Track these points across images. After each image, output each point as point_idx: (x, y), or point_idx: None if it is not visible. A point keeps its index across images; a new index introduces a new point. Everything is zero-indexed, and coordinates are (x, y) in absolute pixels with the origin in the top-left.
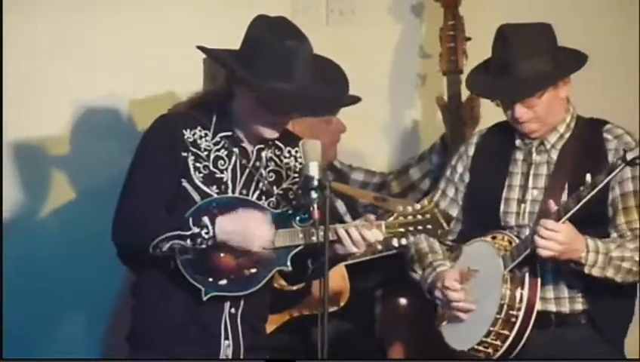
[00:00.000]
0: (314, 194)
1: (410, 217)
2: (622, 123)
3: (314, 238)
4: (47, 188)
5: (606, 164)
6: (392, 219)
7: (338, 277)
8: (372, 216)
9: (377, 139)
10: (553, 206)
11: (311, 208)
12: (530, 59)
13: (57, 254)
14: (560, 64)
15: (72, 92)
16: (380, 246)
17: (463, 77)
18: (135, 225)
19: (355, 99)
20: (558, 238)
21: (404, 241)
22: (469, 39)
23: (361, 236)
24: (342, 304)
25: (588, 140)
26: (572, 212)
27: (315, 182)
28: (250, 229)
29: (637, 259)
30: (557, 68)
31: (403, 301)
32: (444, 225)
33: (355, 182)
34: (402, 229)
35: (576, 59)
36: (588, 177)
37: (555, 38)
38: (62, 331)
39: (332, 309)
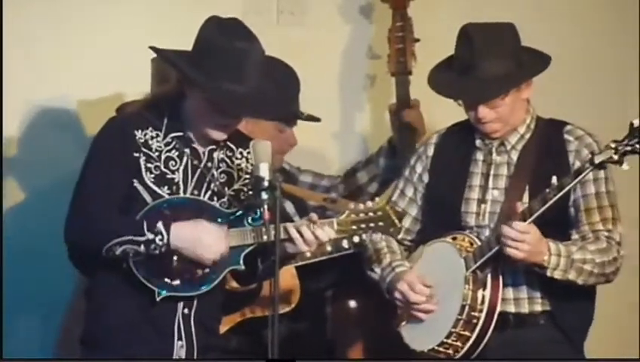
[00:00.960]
0: (264, 195)
1: (362, 215)
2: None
3: (265, 237)
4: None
5: (567, 165)
6: (344, 216)
7: (288, 277)
8: (315, 216)
9: (326, 141)
10: (519, 207)
11: (261, 208)
12: (494, 59)
13: (9, 255)
14: (524, 65)
15: (22, 93)
16: (329, 248)
17: (412, 78)
18: (88, 227)
19: (315, 118)
20: (526, 239)
21: (356, 239)
22: (417, 40)
23: (314, 234)
24: (293, 304)
25: (548, 141)
26: (537, 214)
27: (266, 183)
28: (204, 240)
29: (598, 261)
30: (521, 69)
31: (354, 301)
32: (397, 222)
33: (303, 184)
34: (354, 227)
35: (539, 61)
36: (554, 179)
37: (519, 38)
38: (14, 332)
39: (284, 310)
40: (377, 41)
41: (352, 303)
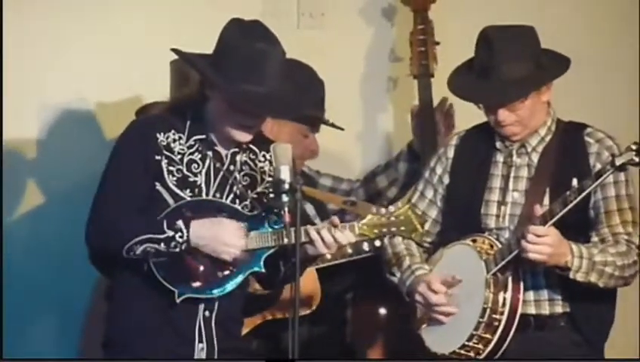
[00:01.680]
0: (285, 198)
1: (383, 219)
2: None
3: (285, 240)
4: (18, 192)
5: (587, 167)
6: (366, 220)
7: (310, 281)
8: (336, 219)
9: (349, 143)
10: (539, 210)
11: (282, 211)
12: (514, 62)
13: (29, 258)
14: (544, 68)
15: (41, 95)
16: (350, 250)
17: (434, 81)
18: (109, 228)
19: (338, 127)
20: (547, 242)
21: (377, 243)
22: (438, 43)
23: (334, 238)
24: (314, 307)
25: (569, 144)
26: (558, 216)
27: (286, 186)
28: (222, 237)
29: (619, 264)
30: (541, 72)
31: (374, 304)
32: (419, 227)
33: (323, 187)
34: (376, 231)
35: (559, 63)
36: (574, 182)
37: (538, 40)
38: (35, 335)
39: (304, 312)
40: (399, 44)
41: (373, 305)
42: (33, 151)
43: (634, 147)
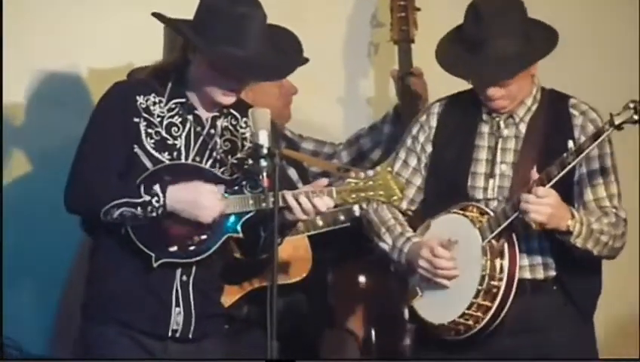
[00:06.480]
0: (263, 162)
1: (361, 183)
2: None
3: (264, 204)
4: (5, 158)
5: (572, 140)
6: (343, 186)
7: (301, 248)
8: (324, 180)
9: (330, 108)
10: (534, 175)
11: (261, 176)
12: (504, 37)
13: (17, 223)
14: (534, 43)
15: (32, 60)
16: (342, 217)
17: (414, 46)
18: (86, 192)
19: (304, 60)
20: (547, 202)
21: (357, 213)
22: (418, 9)
23: (311, 203)
24: (304, 274)
25: (554, 115)
26: (556, 179)
27: (265, 150)
28: (199, 200)
29: (612, 233)
30: (532, 48)
31: (355, 271)
32: (397, 192)
33: (305, 151)
34: (354, 195)
35: (548, 37)
36: (570, 144)
37: (526, 11)
38: (15, 297)
39: (295, 279)
40: (381, 9)
41: (355, 272)
42: (21, 116)
43: (632, 105)
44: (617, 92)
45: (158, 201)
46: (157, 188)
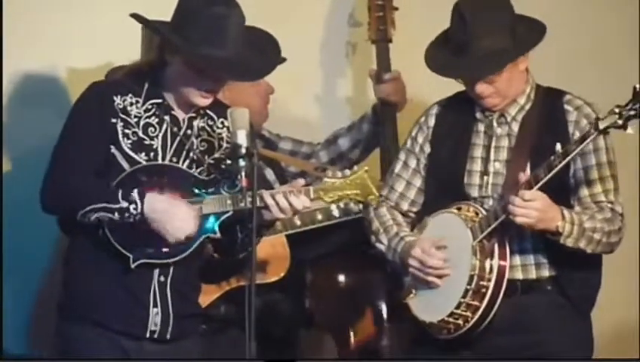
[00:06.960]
0: (242, 162)
1: (338, 183)
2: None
3: (241, 204)
4: None
5: (567, 136)
6: (320, 185)
7: (279, 247)
8: (301, 181)
9: (308, 108)
10: (523, 177)
11: (239, 176)
12: (489, 36)
13: None
14: (519, 38)
15: (10, 60)
16: (320, 216)
17: (392, 46)
18: (63, 193)
19: (282, 60)
20: (534, 206)
21: (335, 213)
22: (396, 9)
23: (288, 202)
24: (282, 273)
25: (548, 112)
26: (543, 181)
27: (243, 150)
28: (173, 217)
29: (606, 230)
30: (516, 43)
31: (334, 270)
32: (374, 190)
33: (283, 151)
34: (331, 195)
35: (535, 32)
36: (558, 146)
37: (513, 9)
38: None
39: (272, 279)
40: (358, 9)
41: (333, 272)
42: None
43: (617, 110)
44: (617, 92)
45: (135, 209)
46: (135, 195)
